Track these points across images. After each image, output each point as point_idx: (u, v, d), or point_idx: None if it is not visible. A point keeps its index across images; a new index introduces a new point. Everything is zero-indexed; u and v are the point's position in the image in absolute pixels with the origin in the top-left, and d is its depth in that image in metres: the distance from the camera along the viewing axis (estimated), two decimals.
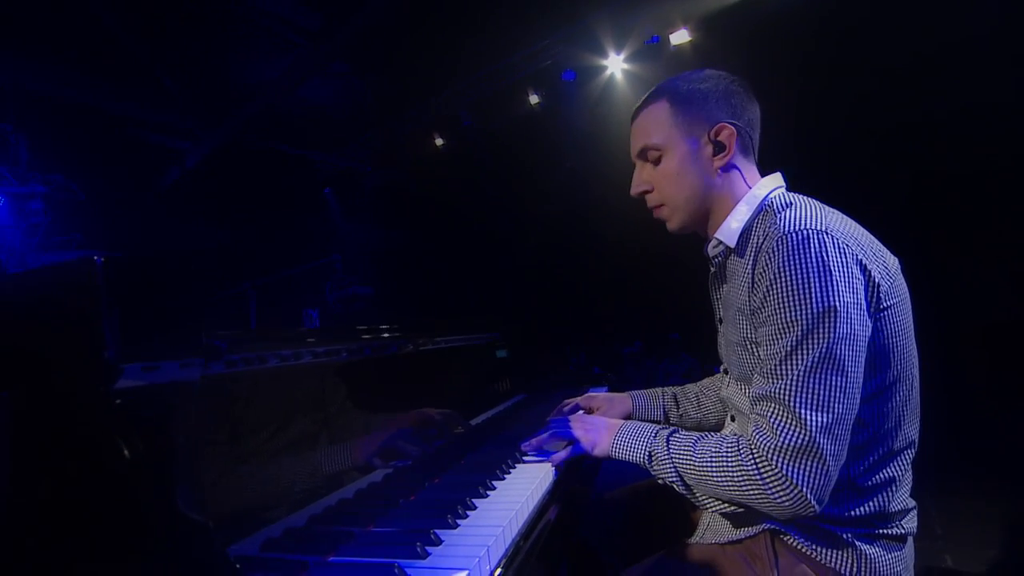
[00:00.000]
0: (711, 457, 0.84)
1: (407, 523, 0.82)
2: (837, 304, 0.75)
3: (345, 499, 0.88)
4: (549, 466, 1.03)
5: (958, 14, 3.03)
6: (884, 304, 0.81)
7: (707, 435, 0.90)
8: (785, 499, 0.76)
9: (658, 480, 0.93)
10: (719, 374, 1.23)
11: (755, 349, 0.88)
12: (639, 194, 1.03)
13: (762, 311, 0.82)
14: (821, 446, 0.74)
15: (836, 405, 0.75)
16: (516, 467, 1.06)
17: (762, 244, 0.84)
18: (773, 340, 0.80)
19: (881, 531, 0.85)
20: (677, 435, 0.92)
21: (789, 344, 0.77)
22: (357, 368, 1.04)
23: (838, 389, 0.75)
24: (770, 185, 0.94)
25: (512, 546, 0.76)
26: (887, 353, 0.82)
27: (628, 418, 1.31)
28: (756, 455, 0.78)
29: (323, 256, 2.87)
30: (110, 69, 4.04)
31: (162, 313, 0.61)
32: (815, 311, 0.75)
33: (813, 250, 0.77)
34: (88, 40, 3.71)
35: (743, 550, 0.91)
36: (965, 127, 3.41)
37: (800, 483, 0.74)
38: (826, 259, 0.76)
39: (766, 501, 0.78)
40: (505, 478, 1.01)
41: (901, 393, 0.84)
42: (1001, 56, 3.13)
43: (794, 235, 0.78)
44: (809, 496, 0.74)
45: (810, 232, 0.78)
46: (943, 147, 3.52)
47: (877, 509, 0.84)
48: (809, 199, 0.89)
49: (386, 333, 1.17)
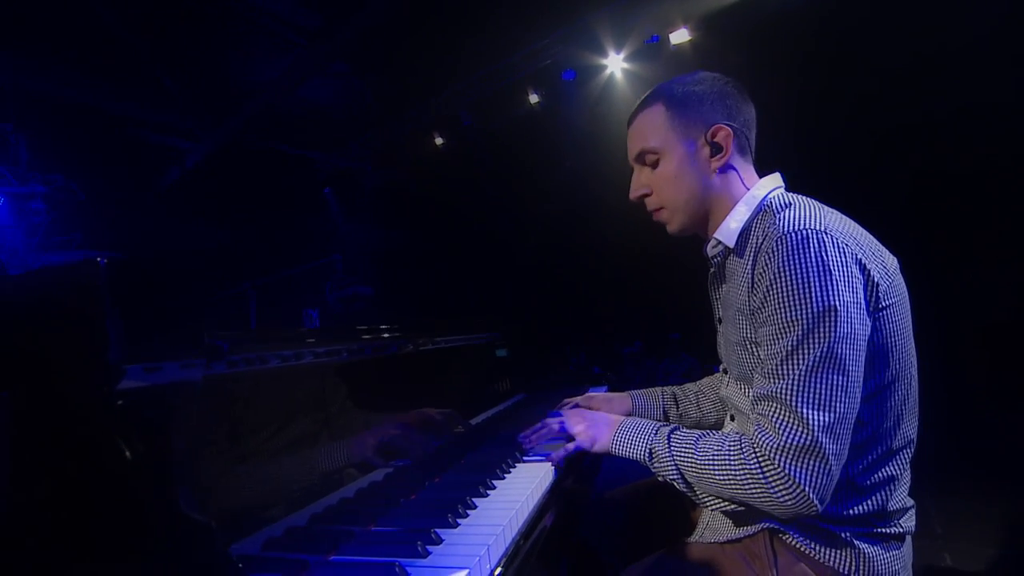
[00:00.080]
0: (713, 455, 0.84)
1: (408, 522, 0.82)
2: (837, 303, 0.75)
3: (346, 498, 0.88)
4: (549, 466, 1.03)
5: (958, 14, 3.03)
6: (883, 303, 0.81)
7: (709, 433, 0.90)
8: (788, 498, 0.76)
9: (658, 477, 0.93)
10: (718, 373, 1.23)
11: (755, 349, 0.88)
12: (638, 198, 1.03)
13: (762, 311, 0.82)
14: (824, 445, 0.74)
15: (838, 404, 0.75)
16: (516, 466, 1.07)
17: (761, 244, 0.84)
18: (774, 340, 0.80)
19: (880, 530, 0.85)
20: (678, 432, 0.92)
21: (790, 344, 0.77)
22: (358, 368, 1.04)
23: (839, 388, 0.75)
24: (769, 185, 0.95)
25: (512, 545, 0.77)
26: (886, 352, 0.82)
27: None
28: (759, 454, 0.78)
29: (323, 256, 2.86)
30: (110, 69, 4.04)
31: (163, 313, 0.61)
32: (815, 311, 0.75)
33: (813, 250, 0.77)
34: (88, 40, 3.71)
35: (742, 549, 0.91)
36: (965, 127, 3.41)
37: (803, 482, 0.75)
38: (826, 259, 0.77)
39: (769, 500, 0.78)
40: (505, 477, 1.01)
41: (900, 392, 0.85)
42: (1001, 56, 3.13)
43: (794, 235, 0.79)
44: (812, 495, 0.75)
45: (809, 232, 0.78)
46: (943, 147, 3.52)
47: (876, 508, 0.84)
48: (808, 199, 0.90)
49: (386, 333, 1.17)
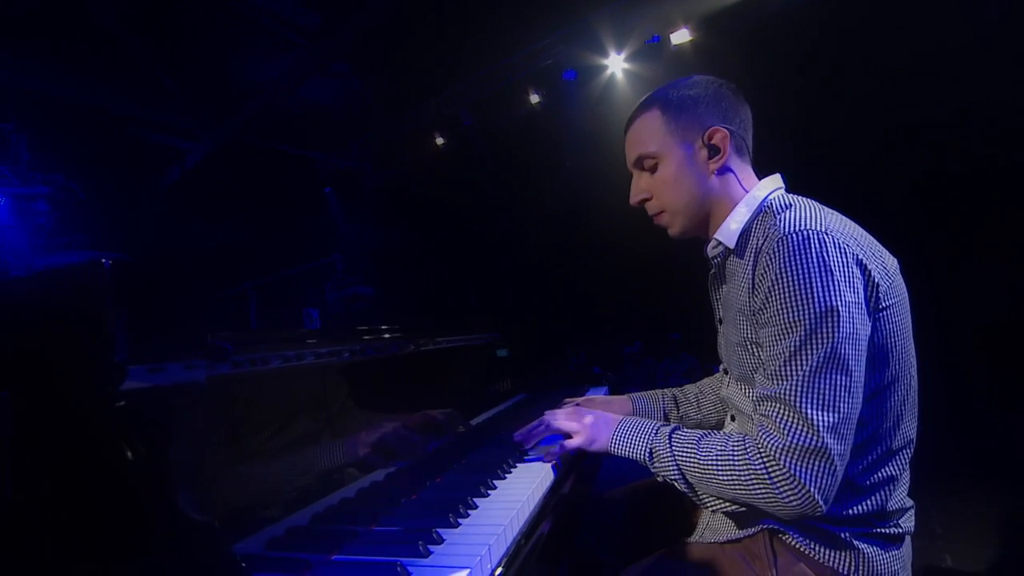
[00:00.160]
0: (716, 456, 0.84)
1: (409, 522, 0.83)
2: (839, 304, 0.75)
3: (347, 498, 0.88)
4: (549, 466, 1.04)
5: (959, 14, 3.03)
6: (883, 304, 0.81)
7: (711, 433, 0.90)
8: (794, 499, 0.76)
9: (658, 478, 0.93)
10: (718, 374, 1.23)
11: (755, 350, 0.88)
12: (638, 203, 1.04)
13: (764, 312, 0.82)
14: (829, 446, 0.74)
15: (842, 405, 0.75)
16: (517, 466, 1.07)
17: (762, 245, 0.84)
18: (776, 341, 0.80)
19: (879, 530, 0.85)
20: (680, 432, 0.92)
21: (793, 344, 0.77)
22: (359, 369, 1.04)
23: (843, 388, 0.75)
24: (769, 187, 0.95)
25: (513, 545, 0.77)
26: (886, 353, 0.82)
27: None
28: (764, 455, 0.78)
29: (324, 256, 2.87)
30: (110, 69, 4.05)
31: (165, 314, 0.61)
32: (818, 311, 0.75)
33: (814, 250, 0.77)
34: (88, 40, 3.71)
35: (742, 549, 0.91)
36: (965, 127, 3.41)
37: (808, 483, 0.74)
38: (827, 259, 0.77)
39: (773, 501, 0.78)
40: (506, 477, 1.02)
41: (899, 393, 0.85)
42: (1003, 56, 3.13)
43: (794, 236, 0.79)
44: (817, 496, 0.75)
45: (810, 233, 0.78)
46: (944, 147, 3.52)
47: (875, 508, 0.84)
48: (808, 200, 0.90)
49: (387, 334, 1.18)
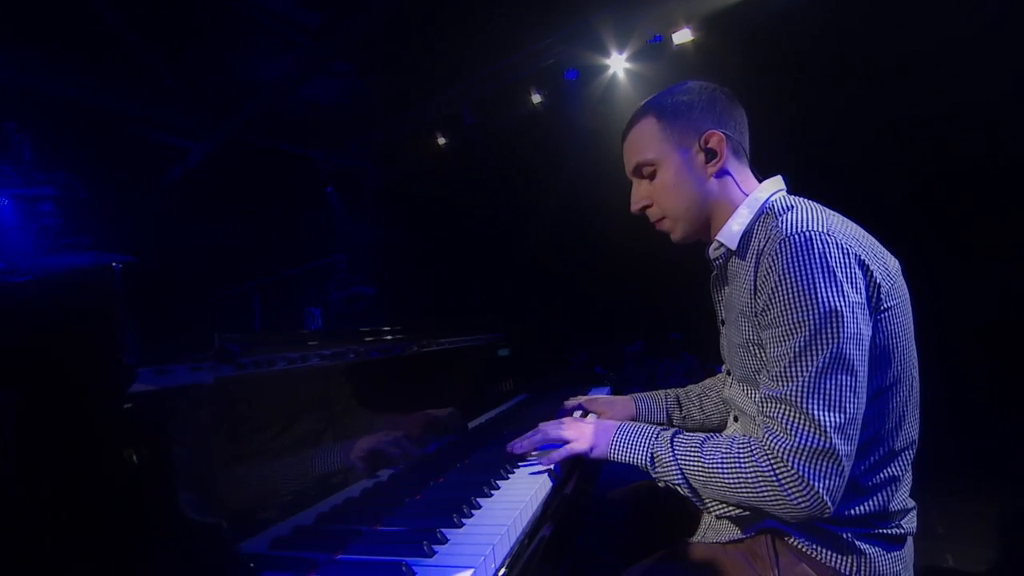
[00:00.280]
0: (721, 459, 0.83)
1: (413, 522, 0.83)
2: (843, 304, 0.76)
3: (352, 498, 0.89)
4: (551, 467, 1.04)
5: (960, 12, 3.02)
6: (885, 305, 0.81)
7: (713, 436, 0.89)
8: (802, 501, 0.75)
9: (659, 483, 0.92)
10: (720, 374, 1.24)
11: (758, 351, 0.88)
12: (639, 210, 1.04)
13: (767, 314, 0.82)
14: (836, 446, 0.74)
15: (848, 405, 0.75)
16: (520, 467, 1.07)
17: (764, 247, 0.84)
18: (780, 342, 0.80)
19: (881, 531, 0.85)
20: (681, 436, 0.91)
21: (797, 346, 0.77)
22: (363, 370, 1.05)
23: (848, 389, 0.75)
24: (771, 188, 0.95)
25: (517, 545, 0.77)
26: (888, 354, 0.82)
27: (631, 420, 1.31)
28: (771, 457, 0.78)
29: (326, 255, 2.87)
30: (112, 68, 4.05)
31: (171, 315, 0.62)
32: (822, 312, 0.75)
33: (817, 252, 0.77)
34: (90, 39, 3.71)
35: (744, 549, 0.91)
36: (965, 126, 3.41)
37: (817, 484, 0.74)
38: (830, 260, 0.77)
39: (781, 503, 0.77)
40: (509, 477, 1.02)
41: (901, 394, 0.85)
42: (1008, 55, 3.13)
43: (797, 237, 0.79)
44: (825, 497, 0.75)
45: (812, 234, 0.79)
46: (944, 147, 3.52)
47: (877, 508, 0.84)
48: (810, 202, 0.90)
49: (390, 335, 1.18)
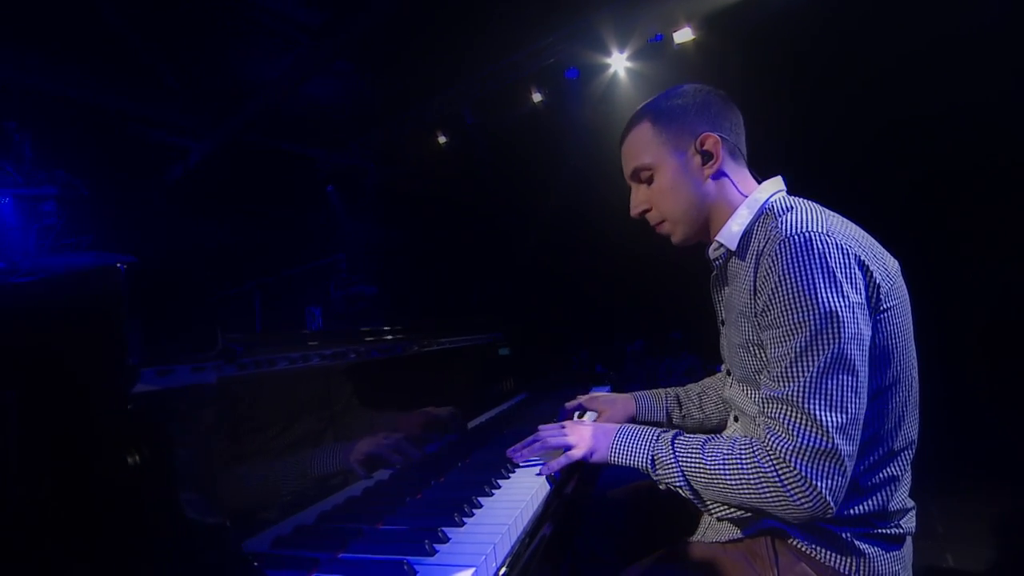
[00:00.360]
0: (723, 460, 0.83)
1: (415, 521, 0.84)
2: (843, 305, 0.76)
3: (353, 497, 0.89)
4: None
5: (960, 10, 3.01)
6: (884, 305, 0.81)
7: (715, 438, 0.89)
8: (805, 501, 0.75)
9: (660, 486, 0.92)
10: (720, 373, 1.24)
11: (758, 351, 0.88)
12: (639, 214, 1.05)
13: (767, 314, 0.82)
14: (839, 446, 0.74)
15: (850, 405, 0.75)
16: (521, 466, 1.08)
17: (764, 248, 0.84)
18: (781, 343, 0.80)
19: (880, 530, 0.85)
20: (682, 438, 0.91)
21: (798, 346, 0.77)
22: (364, 370, 1.05)
23: (850, 389, 0.75)
24: (771, 189, 0.95)
25: (517, 544, 0.78)
26: (887, 354, 0.83)
27: (632, 419, 1.32)
28: (774, 457, 0.78)
29: (327, 255, 2.87)
30: (112, 67, 4.04)
31: (174, 315, 0.62)
32: (823, 312, 0.76)
33: (817, 252, 0.78)
34: (91, 38, 3.71)
35: (744, 549, 0.92)
36: (965, 126, 3.40)
37: (820, 484, 0.74)
38: (829, 261, 0.77)
39: (784, 504, 0.77)
40: (510, 477, 1.03)
41: (901, 394, 0.85)
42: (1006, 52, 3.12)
43: (796, 237, 0.79)
44: (828, 497, 0.75)
45: (812, 234, 0.79)
46: (943, 146, 3.51)
47: (877, 508, 0.84)
48: (810, 202, 0.90)
49: (391, 335, 1.19)
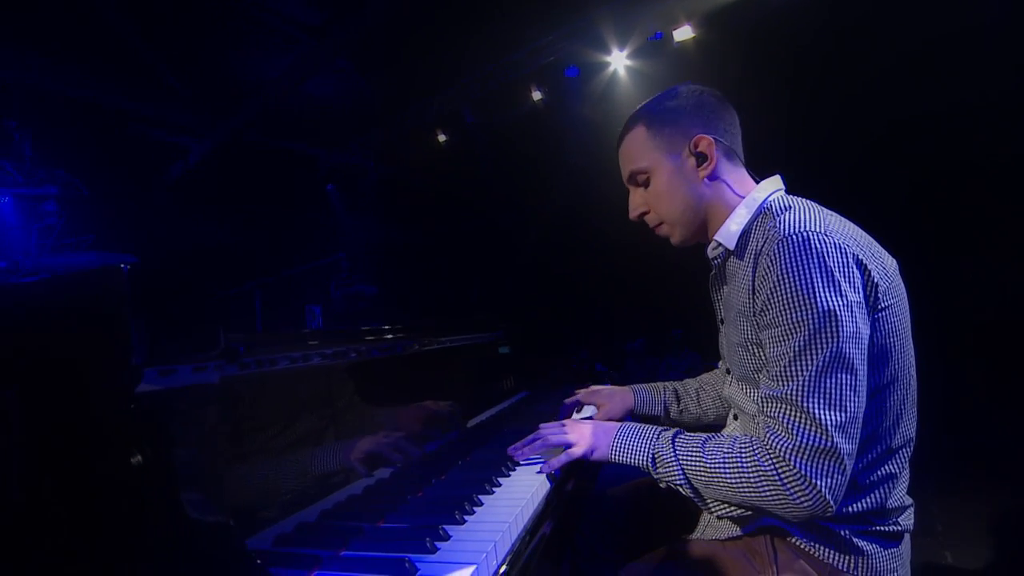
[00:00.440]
0: (723, 459, 0.84)
1: (416, 519, 0.84)
2: (842, 304, 0.76)
3: (354, 495, 0.90)
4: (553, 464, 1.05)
5: (963, 10, 3.01)
6: (882, 304, 0.82)
7: (715, 436, 0.90)
8: (805, 500, 0.76)
9: (660, 484, 0.92)
10: (719, 370, 1.25)
11: (756, 350, 0.89)
12: (637, 217, 1.06)
13: (766, 314, 0.82)
14: (838, 445, 0.74)
15: (849, 404, 0.76)
16: (521, 464, 1.08)
17: (762, 247, 0.85)
18: (779, 342, 0.80)
19: (878, 528, 0.86)
20: (683, 436, 0.92)
21: (797, 345, 0.78)
22: (364, 369, 1.06)
23: (849, 387, 0.76)
24: (769, 188, 0.95)
25: (518, 542, 0.78)
26: (885, 353, 0.83)
27: (631, 412, 1.33)
28: (773, 456, 0.78)
29: (327, 254, 2.87)
30: (113, 66, 4.04)
31: (175, 315, 0.62)
32: (821, 311, 0.76)
33: (814, 251, 0.78)
34: (91, 36, 3.71)
35: (743, 546, 0.92)
36: (965, 125, 3.40)
37: (819, 483, 0.75)
38: (827, 260, 0.77)
39: (784, 503, 0.78)
40: (510, 475, 1.03)
41: (899, 392, 0.85)
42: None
43: (794, 237, 0.79)
44: (828, 496, 0.75)
45: (810, 234, 0.79)
46: (943, 145, 3.51)
47: (875, 506, 0.85)
48: (808, 202, 0.90)
49: (391, 334, 1.19)
